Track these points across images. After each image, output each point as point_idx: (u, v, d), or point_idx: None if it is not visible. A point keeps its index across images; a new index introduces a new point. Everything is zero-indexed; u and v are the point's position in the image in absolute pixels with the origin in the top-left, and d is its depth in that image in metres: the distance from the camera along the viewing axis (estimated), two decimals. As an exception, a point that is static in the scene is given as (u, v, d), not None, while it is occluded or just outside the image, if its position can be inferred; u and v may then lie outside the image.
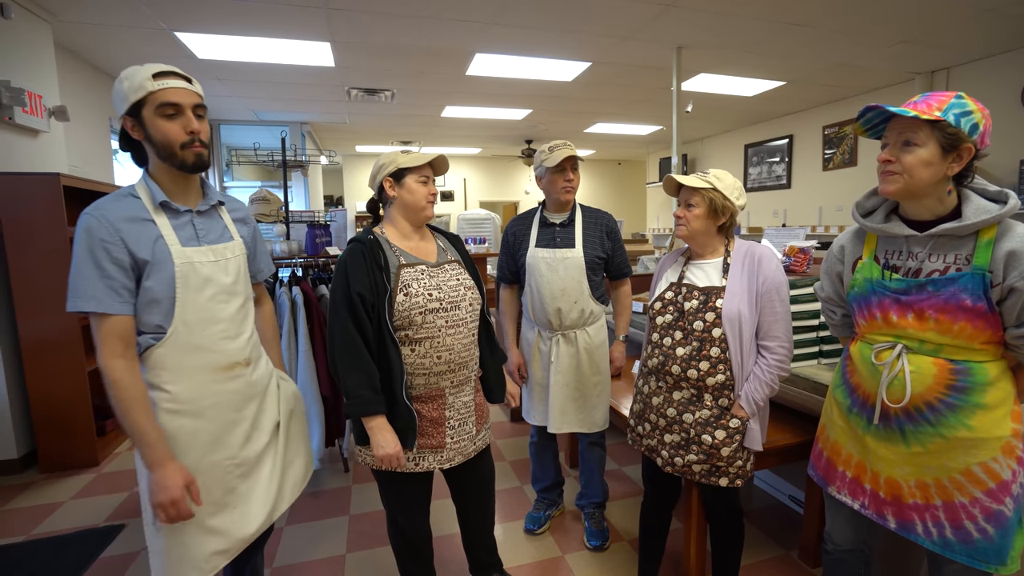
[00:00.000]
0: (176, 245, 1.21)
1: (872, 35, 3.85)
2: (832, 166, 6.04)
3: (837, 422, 1.35)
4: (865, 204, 1.30)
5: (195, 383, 1.24)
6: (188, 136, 1.19)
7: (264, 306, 1.58)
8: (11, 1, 2.93)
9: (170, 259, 1.19)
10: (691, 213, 1.50)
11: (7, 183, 2.70)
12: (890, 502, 1.21)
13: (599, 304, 2.02)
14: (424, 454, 1.47)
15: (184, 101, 1.19)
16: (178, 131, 1.19)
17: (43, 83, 3.20)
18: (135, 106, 1.17)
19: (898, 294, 1.16)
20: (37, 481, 2.76)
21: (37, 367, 2.80)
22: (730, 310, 1.43)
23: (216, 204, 1.35)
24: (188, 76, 1.22)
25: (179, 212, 1.25)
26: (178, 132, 1.19)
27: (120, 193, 1.22)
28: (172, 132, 1.18)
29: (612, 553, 2.09)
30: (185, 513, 1.17)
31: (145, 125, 1.19)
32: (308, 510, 2.43)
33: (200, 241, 1.26)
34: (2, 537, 2.25)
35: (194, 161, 1.22)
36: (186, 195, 1.28)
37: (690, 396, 1.49)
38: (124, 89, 1.17)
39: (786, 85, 5.17)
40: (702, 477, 1.50)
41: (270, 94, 5.30)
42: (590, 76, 4.76)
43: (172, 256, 1.20)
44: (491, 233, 6.93)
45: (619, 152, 10.00)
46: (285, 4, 3.18)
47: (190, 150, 1.21)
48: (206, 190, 1.34)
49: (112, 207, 1.18)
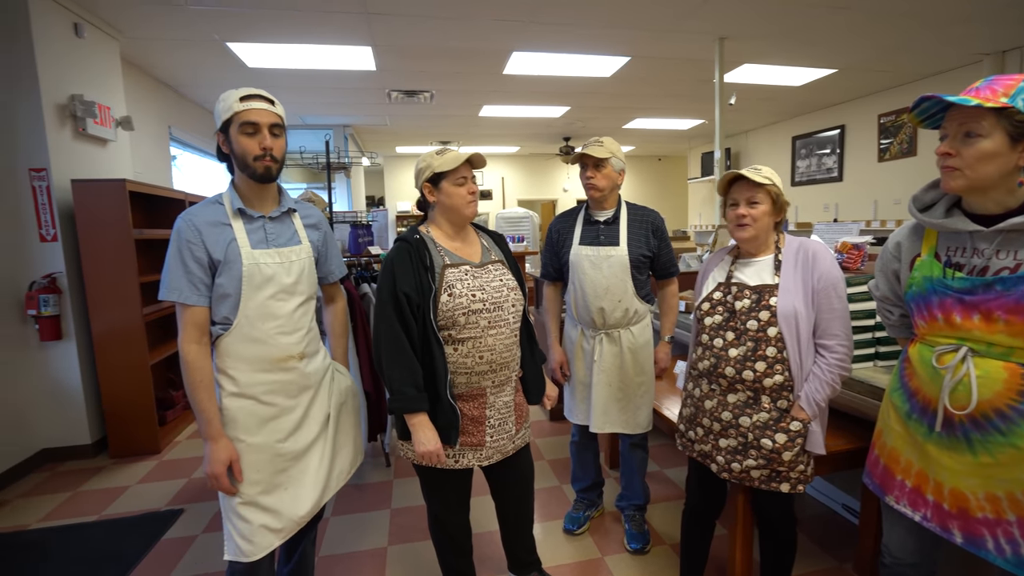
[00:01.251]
0: (246, 247, 1.35)
1: (930, 15, 3.61)
2: (889, 157, 5.71)
3: (895, 428, 1.28)
4: (923, 198, 1.23)
5: (253, 371, 1.36)
6: (261, 151, 1.33)
7: (337, 303, 1.70)
8: (84, 21, 3.15)
9: (239, 259, 1.33)
10: (757, 211, 1.41)
11: (81, 189, 2.90)
12: (956, 515, 1.14)
13: (644, 303, 1.98)
14: (464, 451, 1.49)
15: (262, 120, 1.33)
16: (253, 146, 1.32)
17: (111, 96, 3.43)
18: (225, 124, 1.33)
19: (962, 294, 1.09)
20: (107, 466, 2.96)
21: (107, 360, 3.01)
22: (785, 308, 1.38)
23: (289, 211, 1.46)
24: (272, 98, 1.36)
25: (253, 218, 1.39)
26: (253, 147, 1.32)
27: (209, 200, 1.39)
28: (248, 147, 1.32)
29: (653, 557, 2.06)
30: (225, 486, 1.32)
31: (230, 140, 1.34)
32: (352, 502, 2.50)
33: (269, 244, 1.39)
34: (79, 516, 2.44)
35: (262, 173, 1.35)
36: (263, 202, 1.41)
37: (746, 399, 1.44)
38: (219, 109, 1.33)
39: (837, 73, 4.93)
40: (761, 483, 1.44)
41: (315, 99, 5.48)
42: (629, 71, 4.69)
43: (241, 257, 1.33)
44: (529, 231, 6.93)
45: (659, 148, 9.79)
46: (329, 11, 3.29)
47: (261, 163, 1.34)
48: (282, 198, 1.46)
49: (199, 212, 1.34)
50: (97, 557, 2.11)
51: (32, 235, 2.88)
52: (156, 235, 3.24)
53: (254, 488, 1.36)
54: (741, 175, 1.41)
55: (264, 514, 1.37)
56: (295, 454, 1.43)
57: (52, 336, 2.89)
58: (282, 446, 1.40)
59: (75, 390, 3.00)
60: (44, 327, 2.86)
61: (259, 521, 1.36)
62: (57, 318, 2.90)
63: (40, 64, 2.81)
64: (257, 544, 1.35)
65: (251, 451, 1.36)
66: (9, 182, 2.82)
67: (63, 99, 2.97)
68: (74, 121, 3.04)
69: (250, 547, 1.35)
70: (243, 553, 1.34)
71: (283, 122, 1.39)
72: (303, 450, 1.44)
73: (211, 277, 1.33)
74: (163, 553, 2.14)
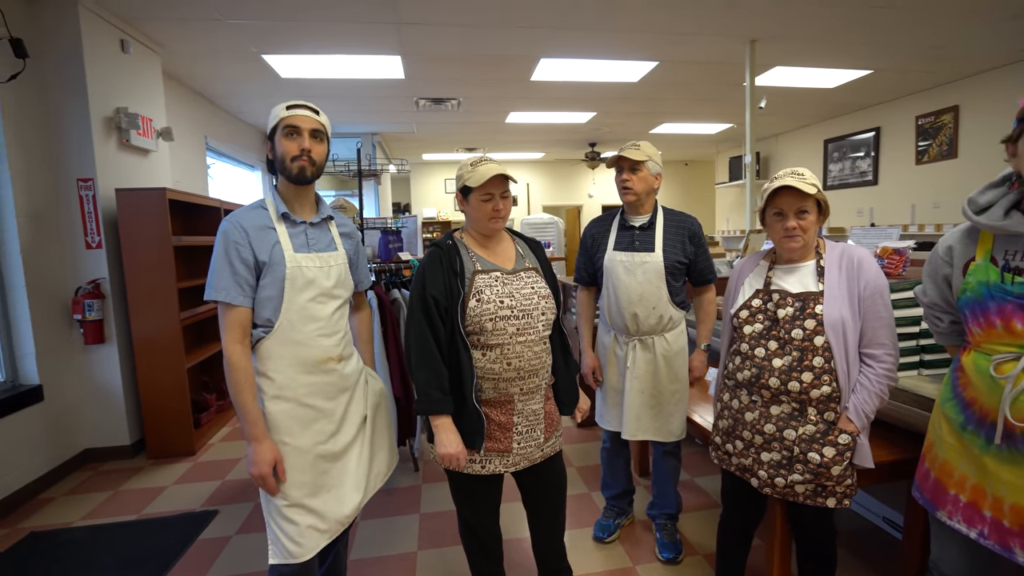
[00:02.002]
0: (289, 250, 1.38)
1: (975, 12, 3.49)
2: (927, 159, 5.52)
3: (948, 440, 1.22)
4: (979, 200, 1.17)
5: (293, 373, 1.38)
6: (299, 151, 1.37)
7: (363, 311, 1.74)
8: (130, 38, 3.29)
9: (283, 262, 1.36)
10: (806, 221, 1.37)
11: (124, 198, 3.02)
12: (1017, 532, 1.08)
13: (679, 310, 1.95)
14: (491, 457, 1.49)
15: (303, 125, 1.37)
16: (293, 147, 1.37)
17: (153, 108, 3.56)
18: (272, 131, 1.39)
19: (1023, 299, 1.04)
20: (145, 467, 3.05)
21: (146, 362, 3.10)
22: (832, 316, 1.34)
23: (327, 218, 1.51)
24: (316, 108, 1.41)
25: (296, 223, 1.42)
26: (293, 148, 1.37)
27: (253, 204, 1.43)
28: (288, 148, 1.37)
29: (686, 567, 2.01)
30: (271, 486, 1.33)
31: (274, 144, 1.39)
32: (381, 506, 2.52)
33: (310, 249, 1.42)
34: (119, 515, 2.51)
35: (297, 173, 1.38)
36: (303, 208, 1.46)
37: (791, 411, 1.39)
38: (270, 119, 1.40)
39: (872, 74, 4.80)
40: (807, 498, 1.40)
41: (345, 107, 5.59)
42: (657, 76, 4.65)
43: (285, 259, 1.36)
44: (554, 237, 6.92)
45: (686, 152, 9.68)
46: (360, 22, 3.36)
47: (297, 162, 1.37)
48: (320, 206, 1.50)
49: (245, 216, 1.38)
50: (136, 555, 2.17)
51: (79, 242, 3.00)
52: (193, 242, 3.34)
53: (300, 490, 1.38)
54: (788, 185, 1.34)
55: (311, 515, 1.39)
56: (336, 455, 1.45)
57: (96, 340, 3.00)
58: (324, 447, 1.42)
59: (116, 392, 3.11)
60: (88, 331, 2.98)
61: (306, 522, 1.38)
62: (101, 322, 3.02)
63: (89, 79, 2.94)
64: (305, 545, 1.37)
65: (295, 454, 1.38)
66: (60, 192, 2.96)
67: (109, 112, 3.10)
68: (119, 132, 3.17)
69: (299, 549, 1.36)
70: (291, 555, 1.35)
71: (325, 130, 1.43)
72: (342, 451, 1.47)
73: (256, 279, 1.36)
74: (199, 553, 2.19)
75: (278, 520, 1.37)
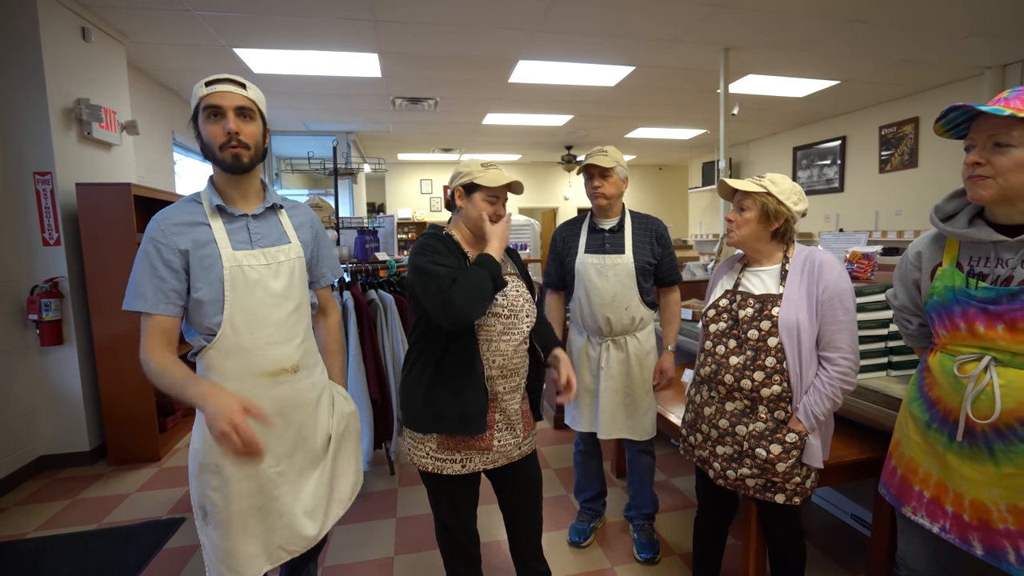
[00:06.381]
0: (227, 248, 1.22)
1: (940, 28, 3.65)
2: (890, 168, 5.75)
3: (913, 438, 1.27)
4: (945, 207, 1.22)
5: (241, 387, 1.21)
6: (226, 136, 1.19)
7: (329, 317, 1.56)
8: (92, 26, 3.15)
9: (219, 262, 1.20)
10: (741, 217, 1.45)
11: (86, 193, 2.89)
12: (976, 527, 1.13)
13: (649, 309, 1.98)
14: (471, 455, 1.48)
15: (226, 103, 1.18)
16: (218, 131, 1.19)
17: (116, 100, 3.42)
18: (194, 114, 1.22)
19: (986, 303, 1.09)
20: (106, 473, 2.92)
21: (108, 365, 2.98)
22: (787, 318, 1.37)
23: (274, 207, 1.34)
24: (242, 81, 1.22)
25: (235, 216, 1.26)
26: (218, 132, 1.19)
27: (185, 199, 1.27)
28: (213, 132, 1.19)
29: (663, 567, 2.03)
30: (247, 435, 1.05)
31: (199, 130, 1.21)
32: (356, 511, 2.47)
33: (253, 245, 1.26)
34: (78, 524, 2.40)
35: (232, 161, 1.20)
36: (245, 199, 1.29)
37: (743, 407, 1.44)
38: (192, 99, 1.22)
39: (840, 84, 4.97)
40: (756, 492, 1.44)
41: (319, 105, 5.49)
42: (634, 80, 4.71)
43: (222, 259, 1.21)
44: (531, 239, 6.92)
45: (660, 157, 9.84)
46: (336, 18, 3.30)
47: (227, 150, 1.20)
48: (266, 193, 1.34)
49: (173, 212, 1.23)
50: (97, 567, 2.08)
51: (35, 239, 2.86)
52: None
53: (241, 519, 1.24)
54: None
55: (253, 541, 1.25)
56: (288, 479, 1.31)
57: (53, 341, 2.86)
58: (273, 470, 1.27)
59: (75, 396, 2.97)
60: (45, 332, 2.83)
61: (248, 551, 1.24)
62: (58, 323, 2.88)
63: (48, 68, 2.80)
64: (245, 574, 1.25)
65: (238, 478, 1.23)
66: (13, 186, 2.81)
67: (69, 103, 2.96)
68: (79, 125, 3.03)
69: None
70: None
71: (255, 106, 1.24)
72: (296, 474, 1.33)
73: (185, 283, 1.20)
74: (165, 562, 2.10)
75: (216, 545, 1.22)
